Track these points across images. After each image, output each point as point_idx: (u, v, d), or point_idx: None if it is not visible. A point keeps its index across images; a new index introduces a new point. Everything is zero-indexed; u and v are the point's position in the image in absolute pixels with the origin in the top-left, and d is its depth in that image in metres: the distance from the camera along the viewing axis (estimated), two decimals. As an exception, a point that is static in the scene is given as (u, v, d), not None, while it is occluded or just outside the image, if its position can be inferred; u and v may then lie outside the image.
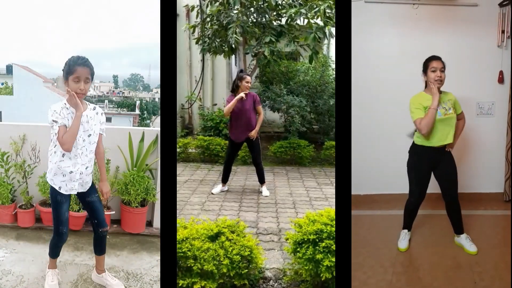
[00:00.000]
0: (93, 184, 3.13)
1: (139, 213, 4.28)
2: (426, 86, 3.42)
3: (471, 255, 3.46)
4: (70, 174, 2.90)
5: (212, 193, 5.56)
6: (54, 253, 3.20)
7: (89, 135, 2.92)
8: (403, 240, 3.64)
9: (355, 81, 2.77)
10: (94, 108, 3.02)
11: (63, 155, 2.87)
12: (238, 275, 2.78)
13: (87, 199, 3.10)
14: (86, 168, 2.97)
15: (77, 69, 2.76)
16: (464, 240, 3.56)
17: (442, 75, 3.29)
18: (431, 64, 3.32)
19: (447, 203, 3.51)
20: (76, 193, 3.01)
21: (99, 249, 3.23)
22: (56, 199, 2.95)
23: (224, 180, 5.70)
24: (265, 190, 5.58)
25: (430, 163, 3.45)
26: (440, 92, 3.32)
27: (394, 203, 4.63)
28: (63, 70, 2.84)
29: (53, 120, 2.77)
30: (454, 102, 3.43)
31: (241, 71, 5.55)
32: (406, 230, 3.67)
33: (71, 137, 2.77)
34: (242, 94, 5.17)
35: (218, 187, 5.68)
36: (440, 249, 3.64)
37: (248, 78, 5.32)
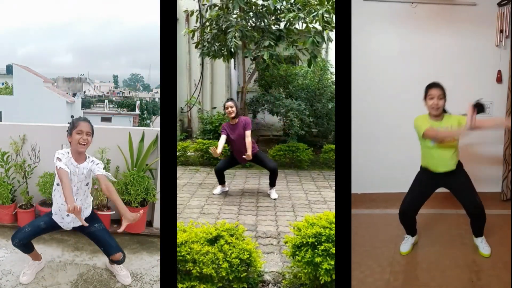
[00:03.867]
0: (92, 214, 3.31)
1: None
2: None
3: (473, 255, 3.50)
4: (67, 217, 3.17)
5: (213, 194, 5.66)
6: (24, 250, 3.28)
7: (87, 184, 3.19)
8: (405, 244, 3.64)
9: (353, 80, 2.80)
10: (92, 161, 3.18)
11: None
12: (237, 279, 2.79)
13: (86, 230, 3.20)
14: (82, 205, 3.14)
15: (80, 124, 3.09)
16: (479, 242, 3.57)
17: (439, 103, 3.23)
18: (429, 91, 3.27)
19: (472, 218, 3.47)
20: (72, 227, 3.23)
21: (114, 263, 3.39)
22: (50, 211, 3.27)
23: (221, 182, 5.79)
24: (274, 193, 5.66)
25: (432, 183, 3.44)
26: (442, 117, 3.30)
27: (392, 202, 4.65)
28: (67, 129, 3.14)
29: (58, 158, 2.97)
30: (458, 123, 3.26)
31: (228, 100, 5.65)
32: (409, 236, 3.67)
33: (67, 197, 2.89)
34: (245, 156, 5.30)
35: (218, 188, 5.77)
36: (438, 248, 3.68)
37: (228, 103, 5.42)
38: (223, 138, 5.35)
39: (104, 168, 4.22)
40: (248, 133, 5.35)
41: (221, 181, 5.78)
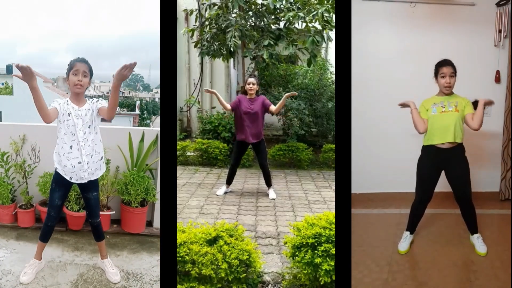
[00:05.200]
0: (96, 182, 3.33)
1: (139, 213, 4.30)
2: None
3: (471, 255, 3.51)
4: (79, 165, 3.13)
5: (217, 195, 5.62)
6: (42, 234, 3.36)
7: (89, 126, 3.14)
8: (404, 242, 3.65)
9: (353, 79, 2.81)
10: (92, 101, 3.21)
11: (71, 146, 3.10)
12: (237, 280, 2.78)
13: (86, 194, 3.33)
14: (91, 157, 3.18)
15: (76, 64, 3.05)
16: (475, 240, 3.58)
17: (451, 81, 3.36)
18: (441, 70, 3.38)
19: (459, 204, 3.53)
20: (87, 181, 3.21)
21: (96, 236, 3.49)
22: (51, 186, 3.29)
23: (229, 181, 5.77)
24: (272, 193, 5.63)
25: (434, 163, 3.48)
26: (451, 93, 3.43)
27: (390, 202, 4.68)
28: (66, 72, 3.11)
29: (49, 104, 3.01)
30: (465, 105, 3.41)
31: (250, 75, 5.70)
32: (408, 232, 3.68)
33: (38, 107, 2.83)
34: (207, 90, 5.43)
35: (222, 189, 5.75)
36: (436, 247, 3.69)
37: (250, 79, 5.42)
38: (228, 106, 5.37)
39: (106, 163, 4.28)
40: (273, 107, 5.39)
41: (230, 180, 5.75)
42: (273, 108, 5.39)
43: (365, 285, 3.16)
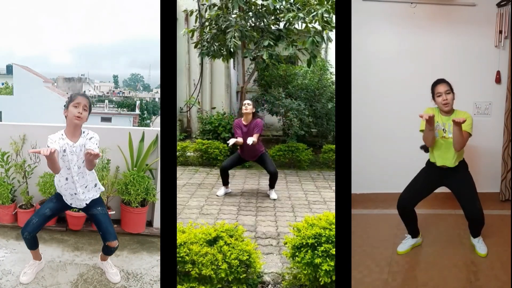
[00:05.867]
0: (98, 199, 3.30)
1: (139, 213, 4.30)
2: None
3: (471, 255, 3.52)
4: (76, 195, 3.17)
5: (217, 195, 5.62)
6: (27, 245, 3.26)
7: (83, 161, 3.08)
8: (404, 243, 3.65)
9: (353, 80, 2.81)
10: (88, 135, 3.15)
11: (66, 178, 3.12)
12: (237, 280, 2.79)
13: (89, 212, 3.29)
14: (86, 187, 3.20)
15: (78, 97, 3.07)
16: (475, 240, 3.59)
17: (448, 97, 3.28)
18: (436, 89, 3.32)
19: (468, 221, 3.49)
20: (85, 205, 3.23)
21: (105, 252, 3.41)
22: (53, 195, 3.33)
23: (225, 183, 5.75)
24: (273, 194, 5.63)
25: (434, 180, 3.49)
26: (452, 112, 3.36)
27: (390, 202, 4.65)
28: (65, 103, 3.13)
29: (47, 146, 2.96)
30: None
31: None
32: (409, 236, 3.69)
33: (51, 168, 2.92)
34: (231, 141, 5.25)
35: (222, 189, 5.74)
36: (437, 248, 3.69)
37: (247, 101, 5.47)
38: (239, 139, 5.29)
39: (107, 163, 4.28)
40: (256, 135, 5.24)
41: (225, 182, 5.72)
42: (251, 138, 5.20)
43: (365, 286, 3.16)
